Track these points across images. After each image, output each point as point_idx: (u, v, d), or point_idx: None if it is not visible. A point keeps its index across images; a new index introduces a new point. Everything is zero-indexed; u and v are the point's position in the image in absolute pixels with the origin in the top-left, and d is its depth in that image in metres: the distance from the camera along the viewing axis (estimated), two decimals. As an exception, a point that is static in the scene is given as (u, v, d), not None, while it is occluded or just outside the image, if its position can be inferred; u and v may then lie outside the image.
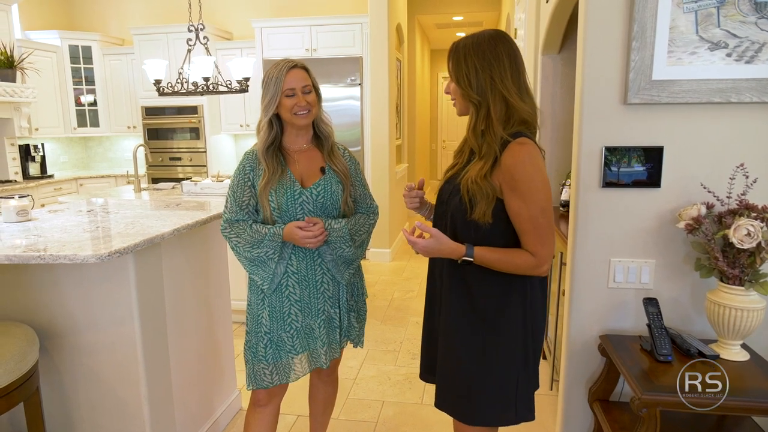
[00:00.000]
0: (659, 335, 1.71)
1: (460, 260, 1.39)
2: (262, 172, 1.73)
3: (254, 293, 1.81)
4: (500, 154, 1.34)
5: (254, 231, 1.72)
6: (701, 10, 1.70)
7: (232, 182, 1.79)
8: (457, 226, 1.43)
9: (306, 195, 1.75)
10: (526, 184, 1.32)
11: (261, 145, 1.75)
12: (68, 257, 1.55)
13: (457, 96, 1.43)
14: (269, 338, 1.78)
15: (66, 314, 1.82)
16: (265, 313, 1.78)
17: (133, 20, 6.02)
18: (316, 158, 1.82)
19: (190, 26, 3.77)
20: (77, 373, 1.86)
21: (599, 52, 1.77)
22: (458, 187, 1.41)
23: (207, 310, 2.32)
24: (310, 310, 1.80)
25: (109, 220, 2.10)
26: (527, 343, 1.45)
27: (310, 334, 1.81)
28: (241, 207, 1.76)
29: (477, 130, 1.39)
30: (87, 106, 5.92)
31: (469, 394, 1.45)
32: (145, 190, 3.89)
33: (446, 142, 10.46)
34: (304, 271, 1.78)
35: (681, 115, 1.77)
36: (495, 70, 1.34)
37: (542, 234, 1.35)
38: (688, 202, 1.80)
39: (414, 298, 4.20)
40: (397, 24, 5.44)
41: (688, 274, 1.85)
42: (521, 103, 1.36)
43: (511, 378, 1.44)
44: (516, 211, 1.35)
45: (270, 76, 1.72)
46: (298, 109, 1.71)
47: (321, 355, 1.82)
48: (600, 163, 1.83)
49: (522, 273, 1.39)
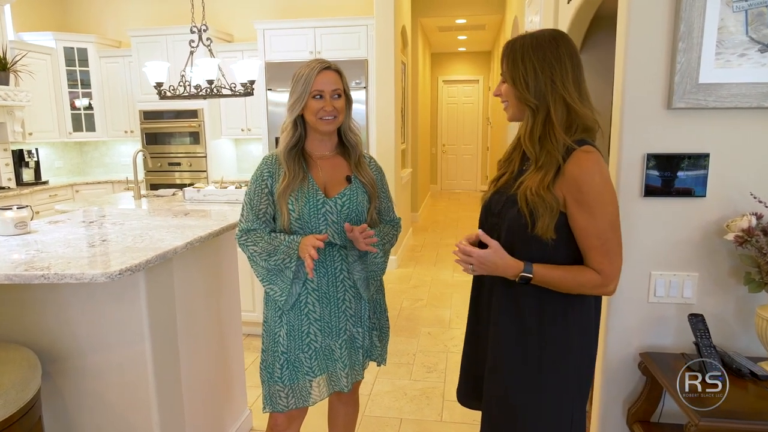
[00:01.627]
0: (709, 354, 1.60)
1: (517, 278, 1.27)
2: (282, 176, 1.64)
3: (271, 309, 1.71)
4: (563, 164, 1.23)
5: (271, 239, 1.65)
6: (752, 9, 1.60)
7: (249, 189, 1.70)
8: (515, 241, 1.30)
9: (330, 205, 1.65)
10: (595, 196, 1.21)
11: (283, 145, 1.67)
12: (75, 276, 1.42)
13: (511, 99, 1.32)
14: (286, 358, 1.68)
15: (70, 335, 1.69)
16: (283, 332, 1.68)
17: (130, 22, 5.88)
18: (341, 167, 1.72)
19: (192, 27, 3.65)
20: (82, 398, 1.72)
21: (643, 54, 1.66)
22: (514, 198, 1.30)
23: (218, 326, 2.20)
24: (330, 330, 1.70)
25: (114, 232, 1.97)
26: (581, 372, 1.33)
27: (329, 356, 1.71)
28: (258, 216, 1.67)
29: (534, 137, 1.27)
30: (83, 110, 5.77)
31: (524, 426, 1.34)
32: (145, 197, 3.76)
33: (446, 147, 10.36)
34: (325, 287, 1.68)
35: (728, 121, 1.67)
36: (556, 72, 1.23)
37: (610, 250, 1.25)
38: (733, 212, 1.70)
39: (423, 308, 4.08)
40: (402, 26, 5.35)
41: (732, 288, 1.75)
42: (584, 109, 1.25)
43: (566, 411, 1.32)
44: (582, 226, 1.24)
45: (300, 75, 1.63)
46: (323, 113, 1.61)
47: (341, 378, 1.72)
48: (641, 172, 1.72)
49: (585, 293, 1.28)
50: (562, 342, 1.31)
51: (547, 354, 1.31)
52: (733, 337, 1.78)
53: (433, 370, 3.08)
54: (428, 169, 9.50)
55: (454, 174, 10.52)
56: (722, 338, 1.77)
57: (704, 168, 1.69)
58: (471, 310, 1.52)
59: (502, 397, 1.37)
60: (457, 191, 10.46)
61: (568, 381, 1.33)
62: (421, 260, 5.48)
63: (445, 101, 10.22)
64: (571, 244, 1.28)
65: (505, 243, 1.31)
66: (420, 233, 6.73)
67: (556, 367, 1.32)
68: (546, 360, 1.31)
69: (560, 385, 1.32)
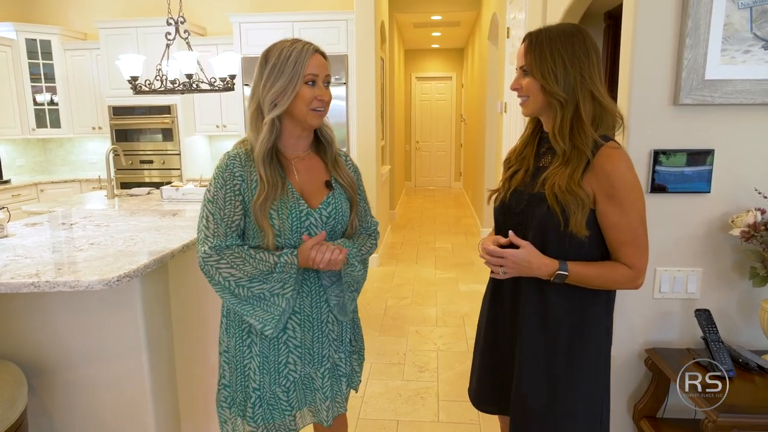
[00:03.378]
0: (717, 349, 1.61)
1: (552, 277, 1.24)
2: (257, 185, 1.35)
3: (236, 336, 1.43)
4: (592, 159, 1.21)
5: (258, 260, 1.33)
6: (756, 6, 1.61)
7: (214, 194, 1.36)
8: (547, 239, 1.27)
9: (314, 217, 1.41)
10: (627, 192, 1.20)
11: (260, 149, 1.35)
12: (69, 284, 1.32)
13: (534, 93, 1.28)
14: (259, 396, 1.42)
15: (58, 347, 1.58)
16: (254, 364, 1.42)
17: (97, 13, 5.63)
18: (318, 168, 1.48)
19: (169, 19, 3.50)
20: (73, 414, 1.61)
21: (649, 50, 1.66)
22: (540, 196, 1.26)
23: (214, 333, 2.10)
24: (312, 358, 1.47)
25: (101, 235, 1.85)
26: (607, 369, 1.32)
27: (309, 385, 1.49)
28: (231, 228, 1.35)
29: (564, 131, 1.24)
30: (47, 105, 5.50)
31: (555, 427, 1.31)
32: (118, 197, 3.60)
33: (420, 143, 10.36)
34: (308, 309, 1.44)
35: (733, 117, 1.68)
36: (585, 66, 1.21)
37: (641, 245, 1.25)
38: (737, 207, 1.71)
39: (409, 306, 4.05)
40: (381, 21, 5.28)
41: (735, 283, 1.77)
42: (611, 104, 1.23)
43: (597, 409, 1.31)
44: (614, 222, 1.22)
45: (284, 57, 1.33)
46: (318, 103, 1.36)
47: (321, 411, 1.50)
48: (648, 168, 1.72)
49: (617, 288, 1.29)
50: (591, 341, 1.31)
51: (579, 354, 1.30)
52: (735, 331, 1.80)
53: (425, 370, 3.04)
54: (403, 166, 9.47)
55: (428, 171, 10.53)
56: (725, 332, 1.79)
57: (709, 164, 1.70)
58: (488, 318, 1.47)
59: (535, 396, 1.33)
60: (431, 188, 10.47)
61: (598, 380, 1.32)
62: (402, 258, 5.44)
63: (419, 98, 10.21)
64: (600, 239, 1.28)
65: (534, 242, 1.28)
66: (398, 230, 6.70)
67: (587, 367, 1.31)
68: (578, 360, 1.30)
69: (592, 384, 1.31)
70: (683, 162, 1.71)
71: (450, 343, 3.40)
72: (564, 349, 1.32)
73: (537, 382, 1.32)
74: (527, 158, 1.37)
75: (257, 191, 1.34)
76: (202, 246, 1.34)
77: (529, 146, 1.39)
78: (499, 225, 1.40)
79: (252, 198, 1.35)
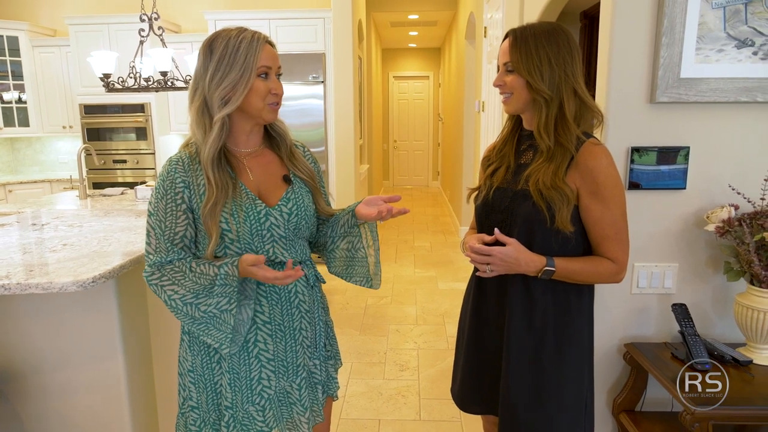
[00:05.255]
0: (694, 343, 1.64)
1: (539, 273, 1.25)
2: (206, 189, 1.24)
3: (201, 353, 1.33)
4: (575, 155, 1.23)
5: (198, 274, 1.22)
6: (729, 6, 1.65)
7: (155, 206, 1.26)
8: (533, 236, 1.28)
9: (275, 216, 1.30)
10: (610, 188, 1.23)
11: (209, 150, 1.24)
12: (42, 286, 1.28)
13: (519, 90, 1.28)
14: (232, 414, 1.32)
15: (30, 351, 1.53)
16: (224, 381, 1.32)
17: (67, 9, 5.48)
18: (273, 163, 1.38)
19: (142, 15, 3.42)
20: (46, 421, 1.56)
21: (626, 49, 1.68)
22: (525, 192, 1.27)
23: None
24: (286, 370, 1.37)
25: (74, 235, 1.80)
26: (591, 359, 1.35)
27: (285, 401, 1.39)
28: (174, 242, 1.24)
29: (549, 128, 1.25)
30: (14, 103, 5.33)
31: (549, 417, 1.34)
32: (91, 197, 3.51)
33: (398, 143, 10.37)
34: (279, 317, 1.34)
35: (708, 115, 1.71)
36: (569, 63, 1.23)
37: (623, 239, 1.28)
38: (712, 203, 1.75)
39: (389, 305, 4.04)
40: (359, 20, 5.27)
41: (710, 277, 1.81)
42: (593, 101, 1.25)
43: (582, 397, 1.34)
44: (598, 217, 1.24)
45: (233, 48, 1.22)
46: (273, 97, 1.27)
47: (301, 424, 1.40)
48: (626, 165, 1.74)
49: (601, 282, 1.31)
50: (576, 332, 1.34)
51: (565, 347, 1.33)
52: (710, 325, 1.84)
53: (406, 368, 3.04)
54: (381, 165, 9.47)
55: (406, 170, 10.55)
56: (701, 326, 1.83)
57: (685, 161, 1.73)
58: (472, 314, 1.48)
59: (524, 393, 1.34)
60: (409, 187, 10.49)
61: (583, 370, 1.36)
62: (381, 257, 5.40)
63: (396, 97, 10.22)
64: (584, 234, 1.30)
65: (519, 239, 1.28)
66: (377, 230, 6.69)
67: (573, 358, 1.34)
68: (565, 353, 1.33)
69: (577, 373, 1.34)
70: (660, 159, 1.74)
71: (430, 341, 3.40)
72: (552, 344, 1.33)
73: (526, 378, 1.33)
74: (507, 156, 1.38)
75: (205, 196, 1.23)
76: (145, 263, 1.26)
77: (509, 144, 1.40)
78: (482, 223, 1.40)
79: (200, 203, 1.25)
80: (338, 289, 4.38)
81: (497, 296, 1.37)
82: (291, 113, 4.77)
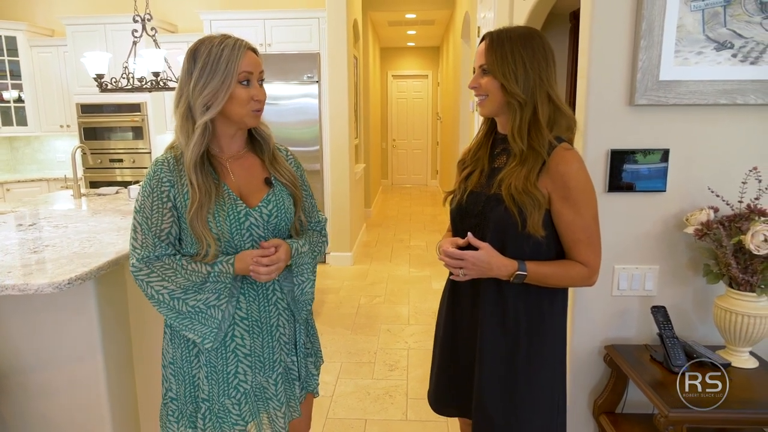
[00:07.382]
0: (672, 345, 1.65)
1: (511, 278, 1.26)
2: (189, 192, 1.28)
3: (181, 347, 1.38)
4: (547, 159, 1.24)
5: (190, 271, 1.28)
6: (708, 8, 1.65)
7: (142, 203, 1.29)
8: (506, 240, 1.29)
9: (254, 217, 1.34)
10: (581, 192, 1.23)
11: (192, 155, 1.27)
12: (18, 287, 1.29)
13: (493, 92, 1.28)
14: (208, 406, 1.37)
15: (10, 351, 1.55)
16: (202, 374, 1.36)
17: (64, 9, 5.51)
18: (255, 166, 1.42)
19: (135, 16, 3.44)
20: (26, 420, 1.58)
21: (606, 51, 1.68)
22: (497, 197, 1.28)
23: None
24: (263, 365, 1.41)
25: (58, 236, 1.81)
26: (563, 360, 1.36)
27: (261, 395, 1.42)
28: (160, 238, 1.29)
29: (522, 132, 1.25)
30: (12, 102, 5.36)
31: (520, 417, 1.34)
32: (85, 196, 3.53)
33: (396, 141, 10.37)
34: (256, 314, 1.38)
35: (687, 117, 1.71)
36: (543, 68, 1.24)
37: (595, 243, 1.28)
38: (691, 206, 1.75)
39: (381, 304, 4.05)
40: (354, 20, 5.27)
41: (690, 280, 1.81)
42: (566, 107, 1.25)
43: (554, 398, 1.35)
44: (569, 221, 1.25)
45: (215, 55, 1.24)
46: (256, 104, 1.31)
47: (277, 419, 1.43)
48: (605, 167, 1.75)
49: (573, 285, 1.32)
50: (549, 335, 1.34)
51: (537, 351, 1.33)
52: (691, 327, 1.84)
53: (395, 368, 3.05)
54: (379, 164, 9.47)
55: (405, 169, 10.55)
56: (681, 328, 1.83)
57: (664, 163, 1.74)
58: (446, 317, 1.48)
59: (497, 395, 1.35)
60: (408, 186, 10.49)
61: (554, 371, 1.36)
62: (377, 256, 5.45)
63: (395, 96, 10.21)
64: (555, 238, 1.30)
65: (492, 244, 1.29)
66: (373, 229, 6.70)
67: (546, 361, 1.34)
68: (537, 357, 1.33)
69: (549, 375, 1.35)
70: (640, 161, 1.74)
71: (421, 341, 3.41)
72: (524, 348, 1.34)
73: (499, 381, 1.34)
74: (481, 159, 1.38)
75: (189, 200, 1.27)
76: (131, 259, 1.29)
77: (483, 147, 1.41)
78: (457, 227, 1.40)
79: (184, 203, 1.28)
80: (331, 289, 4.39)
81: (471, 300, 1.38)
82: (286, 112, 4.78)
